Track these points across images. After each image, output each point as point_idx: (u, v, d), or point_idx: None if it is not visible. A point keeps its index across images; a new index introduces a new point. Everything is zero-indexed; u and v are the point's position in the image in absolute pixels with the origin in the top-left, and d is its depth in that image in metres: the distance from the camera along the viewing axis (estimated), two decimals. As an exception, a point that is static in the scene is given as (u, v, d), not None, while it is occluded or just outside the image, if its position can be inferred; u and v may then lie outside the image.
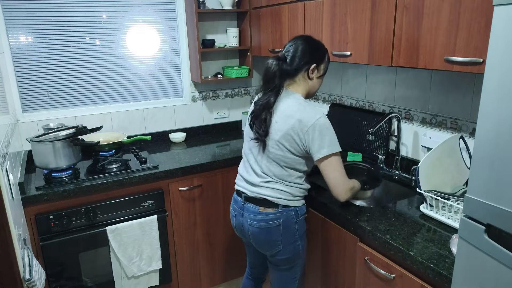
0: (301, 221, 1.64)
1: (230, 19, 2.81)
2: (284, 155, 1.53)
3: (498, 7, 0.86)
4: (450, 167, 1.60)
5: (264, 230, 1.60)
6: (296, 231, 1.62)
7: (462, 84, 1.71)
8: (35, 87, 2.34)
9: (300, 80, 1.59)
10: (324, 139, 1.47)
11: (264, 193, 1.58)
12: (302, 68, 1.56)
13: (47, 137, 2.00)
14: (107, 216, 2.04)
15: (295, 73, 1.57)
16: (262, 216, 1.59)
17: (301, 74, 1.57)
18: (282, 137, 1.51)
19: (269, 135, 1.54)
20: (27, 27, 2.24)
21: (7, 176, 1.49)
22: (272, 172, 1.58)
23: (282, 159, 1.54)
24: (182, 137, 2.71)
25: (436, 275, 1.20)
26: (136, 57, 2.59)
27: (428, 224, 1.48)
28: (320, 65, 1.59)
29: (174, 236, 2.29)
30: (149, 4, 2.54)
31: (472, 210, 0.99)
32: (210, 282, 2.50)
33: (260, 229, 1.60)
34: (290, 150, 1.52)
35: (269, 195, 1.57)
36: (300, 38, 1.59)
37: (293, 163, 1.55)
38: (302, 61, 1.55)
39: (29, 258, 1.46)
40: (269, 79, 1.55)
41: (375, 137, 2.13)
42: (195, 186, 2.27)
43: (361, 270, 1.55)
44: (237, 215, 1.69)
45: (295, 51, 1.55)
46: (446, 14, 1.35)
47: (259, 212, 1.59)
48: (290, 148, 1.52)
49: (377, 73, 2.13)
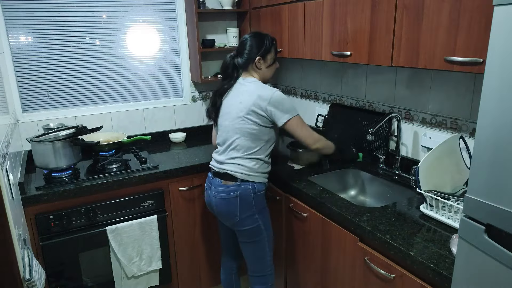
0: (258, 196, 1.83)
1: (230, 19, 2.81)
2: (251, 127, 1.77)
3: (498, 7, 0.86)
4: (450, 167, 1.60)
5: (224, 200, 1.82)
6: (253, 205, 1.81)
7: (462, 84, 1.71)
8: (35, 87, 2.34)
9: (252, 70, 1.87)
10: (284, 107, 1.75)
11: (226, 168, 1.82)
12: (250, 61, 1.84)
13: (47, 137, 2.00)
14: (107, 216, 2.04)
15: (245, 65, 1.86)
16: (223, 188, 1.82)
17: (251, 65, 1.85)
18: (247, 112, 1.76)
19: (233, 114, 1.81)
20: (27, 27, 2.24)
21: (7, 176, 1.49)
22: (239, 145, 1.80)
23: (249, 131, 1.78)
24: (182, 137, 2.71)
25: (436, 275, 1.20)
26: (136, 57, 2.59)
27: (428, 224, 1.48)
28: (266, 56, 1.85)
29: (174, 236, 2.29)
30: (149, 4, 2.54)
31: (472, 210, 0.99)
32: (210, 282, 2.50)
33: (221, 199, 1.83)
34: (256, 122, 1.76)
35: (230, 170, 1.80)
36: (249, 35, 1.87)
37: (258, 133, 1.78)
38: (248, 55, 1.84)
39: (29, 258, 1.46)
40: (224, 71, 1.89)
41: (375, 137, 2.13)
42: (195, 186, 2.27)
43: (361, 270, 1.55)
44: (207, 189, 1.94)
45: (243, 47, 1.85)
46: (446, 14, 1.35)
47: (221, 184, 1.83)
48: (256, 120, 1.76)
49: (377, 73, 2.13)
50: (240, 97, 1.81)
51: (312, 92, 2.68)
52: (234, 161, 1.81)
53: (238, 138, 1.80)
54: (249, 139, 1.79)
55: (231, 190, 1.80)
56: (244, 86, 1.84)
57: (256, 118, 1.76)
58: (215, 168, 1.88)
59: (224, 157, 1.85)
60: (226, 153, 1.85)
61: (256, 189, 1.82)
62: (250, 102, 1.76)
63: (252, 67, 1.86)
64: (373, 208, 1.63)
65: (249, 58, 1.84)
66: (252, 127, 1.77)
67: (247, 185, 1.80)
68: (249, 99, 1.77)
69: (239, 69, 1.88)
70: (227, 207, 1.82)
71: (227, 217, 1.85)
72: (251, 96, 1.77)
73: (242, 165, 1.80)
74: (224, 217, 1.87)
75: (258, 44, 1.84)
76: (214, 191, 1.86)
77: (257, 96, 1.76)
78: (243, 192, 1.80)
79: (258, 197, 1.83)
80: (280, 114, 1.75)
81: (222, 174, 1.83)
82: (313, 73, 2.64)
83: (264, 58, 1.85)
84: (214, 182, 1.87)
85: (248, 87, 1.82)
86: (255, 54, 1.83)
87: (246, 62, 1.85)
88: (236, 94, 1.84)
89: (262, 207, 1.87)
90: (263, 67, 1.87)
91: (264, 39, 1.86)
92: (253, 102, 1.76)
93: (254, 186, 1.82)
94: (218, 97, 1.90)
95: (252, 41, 1.84)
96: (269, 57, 1.87)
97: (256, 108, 1.75)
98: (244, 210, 1.81)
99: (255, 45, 1.84)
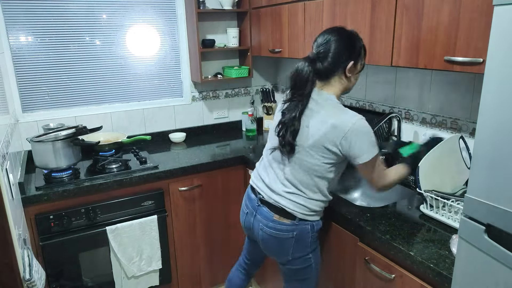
0: (315, 236, 1.56)
1: (230, 19, 2.81)
2: (315, 163, 1.41)
3: (498, 7, 0.86)
4: (450, 167, 1.60)
5: (275, 238, 1.52)
6: (309, 245, 1.54)
7: (462, 84, 1.71)
8: (35, 87, 2.34)
9: (335, 81, 1.43)
10: (363, 144, 1.35)
11: (283, 203, 1.48)
12: (338, 69, 1.40)
13: (47, 137, 2.00)
14: (107, 216, 2.04)
15: (329, 75, 1.41)
16: (275, 225, 1.50)
17: (338, 74, 1.41)
18: (314, 144, 1.39)
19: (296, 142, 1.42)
20: (27, 27, 2.24)
21: (7, 176, 1.49)
22: (297, 180, 1.46)
23: (311, 167, 1.42)
24: (182, 137, 2.71)
25: (436, 275, 1.20)
26: (136, 57, 2.59)
27: (428, 224, 1.48)
28: (358, 61, 1.43)
29: (174, 236, 2.29)
30: (149, 4, 2.54)
31: (472, 210, 0.99)
32: (210, 282, 2.50)
33: (271, 236, 1.52)
34: (322, 156, 1.40)
35: (287, 206, 1.48)
36: (332, 33, 1.40)
37: (323, 171, 1.43)
38: (338, 61, 1.39)
39: (29, 258, 1.46)
40: (300, 84, 1.40)
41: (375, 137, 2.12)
42: (195, 186, 2.27)
43: (361, 270, 1.55)
44: (248, 213, 1.62)
45: (328, 50, 1.39)
46: (446, 14, 1.35)
47: (273, 219, 1.50)
48: (323, 154, 1.39)
49: (377, 73, 2.13)
50: (309, 120, 1.41)
51: (312, 92, 2.68)
52: (292, 197, 1.48)
53: (297, 172, 1.45)
54: (311, 176, 1.44)
55: (287, 230, 1.49)
56: (315, 104, 1.42)
57: (324, 153, 1.39)
58: (265, 196, 1.54)
59: (282, 188, 1.49)
60: (278, 183, 1.51)
61: (315, 229, 1.53)
62: (320, 132, 1.37)
63: (338, 76, 1.42)
64: (373, 208, 1.63)
65: (338, 64, 1.39)
66: (317, 163, 1.41)
67: (306, 225, 1.50)
68: (320, 125, 1.38)
69: (318, 79, 1.44)
70: (279, 247, 1.53)
71: (275, 254, 1.59)
72: (323, 123, 1.37)
73: (302, 205, 1.48)
74: (271, 253, 1.60)
75: (348, 45, 1.40)
76: (261, 223, 1.55)
77: (331, 126, 1.35)
78: (301, 233, 1.50)
79: (314, 236, 1.55)
80: (359, 151, 1.36)
81: (274, 206, 1.51)
82: (313, 73, 2.64)
83: (356, 64, 1.43)
84: (262, 212, 1.54)
85: (322, 107, 1.40)
86: (346, 59, 1.40)
87: (333, 70, 1.40)
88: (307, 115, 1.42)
89: (316, 246, 1.60)
90: (353, 74, 1.44)
91: (355, 38, 1.43)
92: (324, 133, 1.37)
93: (313, 225, 1.52)
94: (298, 122, 1.41)
95: (339, 42, 1.39)
96: (360, 63, 1.45)
97: (326, 140, 1.37)
98: (299, 251, 1.54)
99: (345, 47, 1.39)
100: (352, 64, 1.41)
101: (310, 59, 1.41)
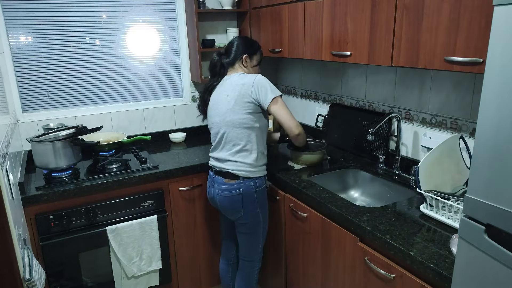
0: (260, 191, 1.92)
1: (230, 19, 2.81)
2: (241, 116, 1.83)
3: (498, 7, 0.86)
4: (450, 167, 1.60)
5: (228, 198, 1.90)
6: (255, 200, 1.91)
7: (462, 84, 1.71)
8: (35, 87, 2.34)
9: (239, 67, 1.95)
10: (267, 89, 1.82)
11: (228, 167, 1.88)
12: (237, 57, 1.93)
13: (47, 137, 2.00)
14: (107, 216, 2.04)
15: (233, 61, 1.94)
16: (226, 186, 1.90)
17: (238, 63, 1.94)
18: (236, 103, 1.83)
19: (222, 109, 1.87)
20: (27, 27, 2.25)
21: (7, 176, 1.49)
22: (234, 136, 1.85)
23: (240, 121, 1.83)
24: (182, 137, 2.71)
25: (436, 275, 1.20)
26: (136, 57, 2.59)
27: (428, 224, 1.48)
28: (253, 56, 1.96)
29: (174, 236, 2.29)
30: (149, 4, 2.54)
31: (472, 210, 0.99)
32: (210, 282, 2.50)
33: (225, 197, 1.91)
34: (245, 110, 1.82)
35: (231, 169, 1.87)
36: (237, 37, 2.00)
37: (250, 121, 1.84)
38: (236, 52, 1.94)
39: (29, 258, 1.46)
40: (212, 68, 1.98)
41: (375, 137, 2.13)
42: (195, 186, 2.27)
43: (361, 270, 1.55)
44: (209, 187, 2.01)
45: (231, 46, 1.96)
46: (446, 14, 1.35)
47: (224, 183, 1.90)
48: (243, 108, 1.82)
49: (377, 73, 2.13)
50: (226, 91, 1.89)
51: (312, 92, 2.68)
52: (233, 157, 1.87)
53: (232, 131, 1.86)
54: (242, 129, 1.84)
55: (234, 188, 1.88)
56: (228, 80, 1.92)
57: (244, 106, 1.82)
58: (216, 167, 1.95)
59: (223, 154, 1.91)
60: (223, 150, 1.91)
61: (257, 185, 1.90)
62: (236, 93, 1.84)
63: (239, 64, 1.95)
64: (373, 208, 1.63)
65: (237, 55, 1.93)
66: (243, 116, 1.83)
67: (249, 181, 1.88)
68: (234, 89, 1.85)
69: (226, 67, 1.96)
70: (231, 204, 1.91)
71: (231, 213, 1.95)
72: (235, 86, 1.85)
73: (242, 162, 1.87)
74: (228, 212, 1.96)
75: (246, 44, 1.96)
76: (217, 189, 1.94)
77: (241, 85, 1.84)
78: (246, 189, 1.88)
79: (259, 192, 1.92)
80: (265, 94, 1.82)
81: (223, 172, 1.90)
82: (313, 73, 2.64)
83: (250, 57, 1.95)
84: (217, 180, 1.94)
85: (231, 79, 1.90)
86: (242, 52, 1.93)
87: (234, 59, 1.94)
88: (222, 89, 1.92)
89: (264, 201, 1.96)
90: (249, 65, 1.96)
91: (252, 41, 2.00)
92: (239, 92, 1.83)
93: (256, 182, 1.90)
94: (207, 95, 1.99)
95: (240, 41, 1.96)
96: (255, 58, 1.98)
97: (242, 96, 1.82)
98: (247, 205, 1.91)
99: (243, 44, 1.95)
100: (247, 56, 1.93)
101: (220, 52, 1.98)
